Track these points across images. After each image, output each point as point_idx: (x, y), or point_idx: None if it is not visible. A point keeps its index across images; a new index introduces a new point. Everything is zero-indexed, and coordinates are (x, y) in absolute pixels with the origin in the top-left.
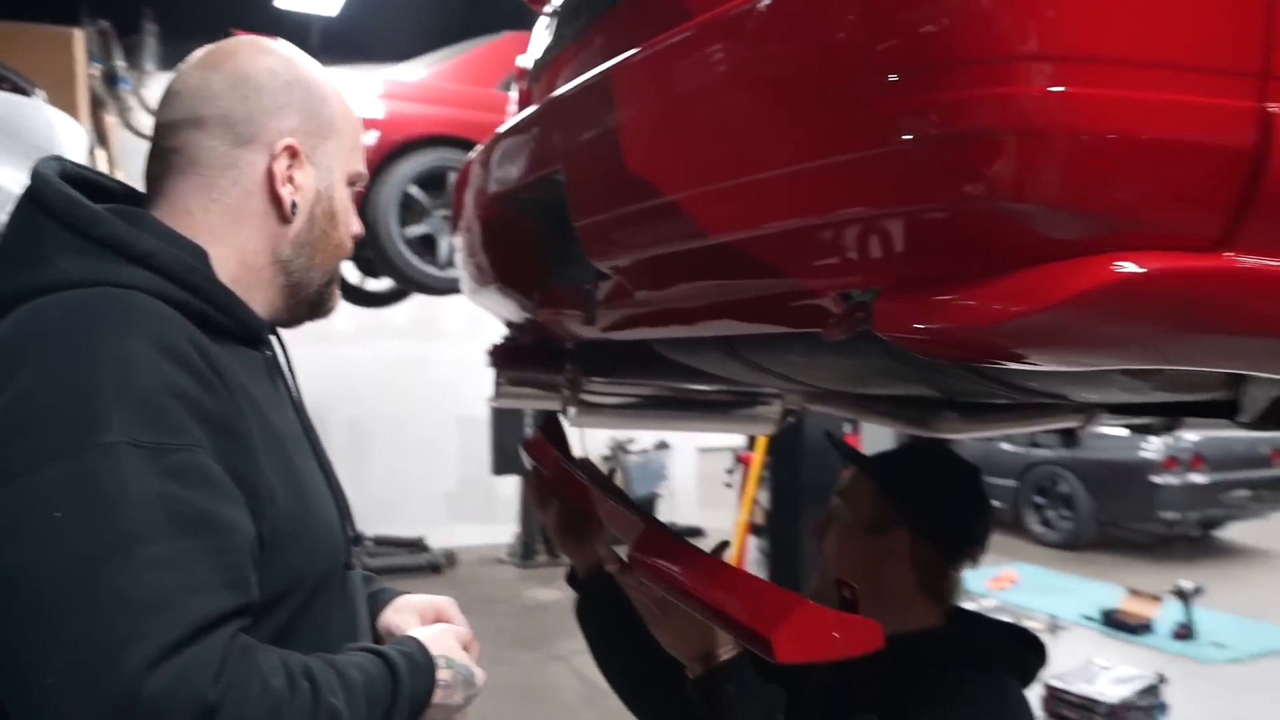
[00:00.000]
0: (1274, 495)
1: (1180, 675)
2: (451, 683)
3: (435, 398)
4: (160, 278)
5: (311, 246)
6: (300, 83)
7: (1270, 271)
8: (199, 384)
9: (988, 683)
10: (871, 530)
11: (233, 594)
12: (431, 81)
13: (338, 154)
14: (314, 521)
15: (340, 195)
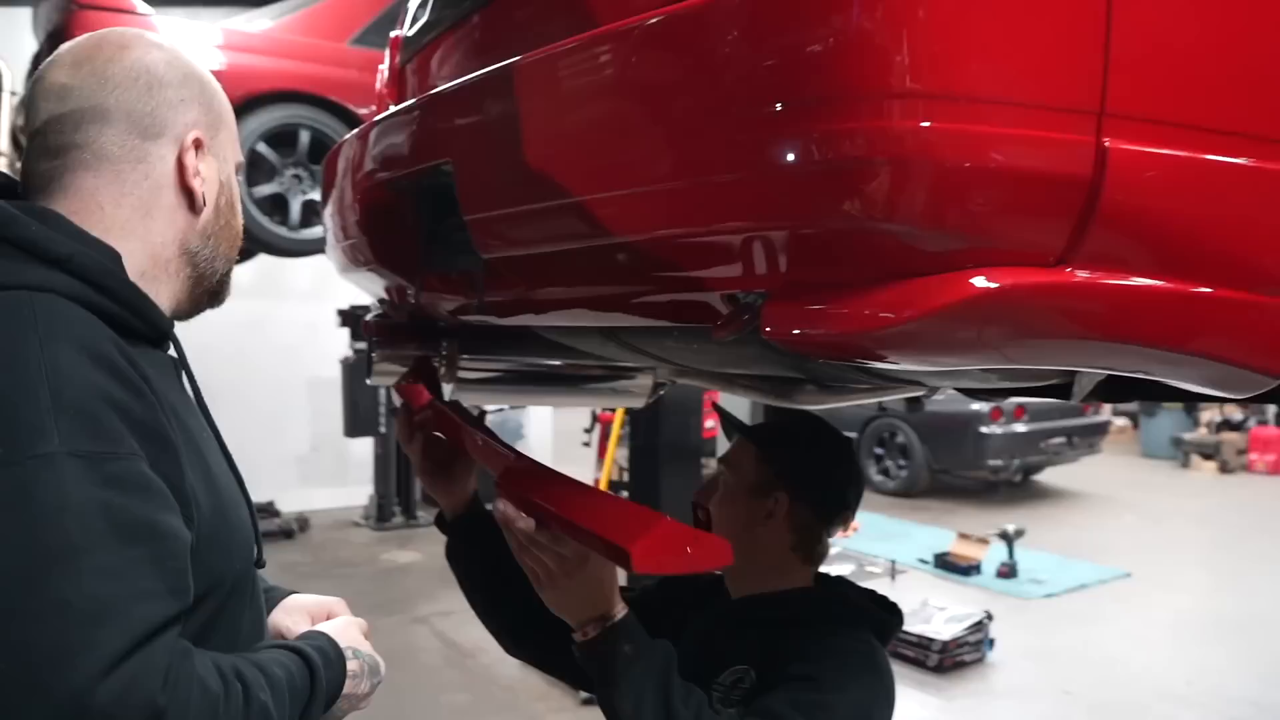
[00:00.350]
0: (1084, 442)
1: (1004, 611)
2: (359, 672)
3: (283, 359)
4: (77, 281)
5: (217, 236)
6: (195, 76)
7: (1102, 285)
8: (129, 391)
9: (853, 637)
10: (753, 494)
11: (175, 600)
12: (278, 34)
13: (230, 144)
14: (230, 523)
15: (233, 183)
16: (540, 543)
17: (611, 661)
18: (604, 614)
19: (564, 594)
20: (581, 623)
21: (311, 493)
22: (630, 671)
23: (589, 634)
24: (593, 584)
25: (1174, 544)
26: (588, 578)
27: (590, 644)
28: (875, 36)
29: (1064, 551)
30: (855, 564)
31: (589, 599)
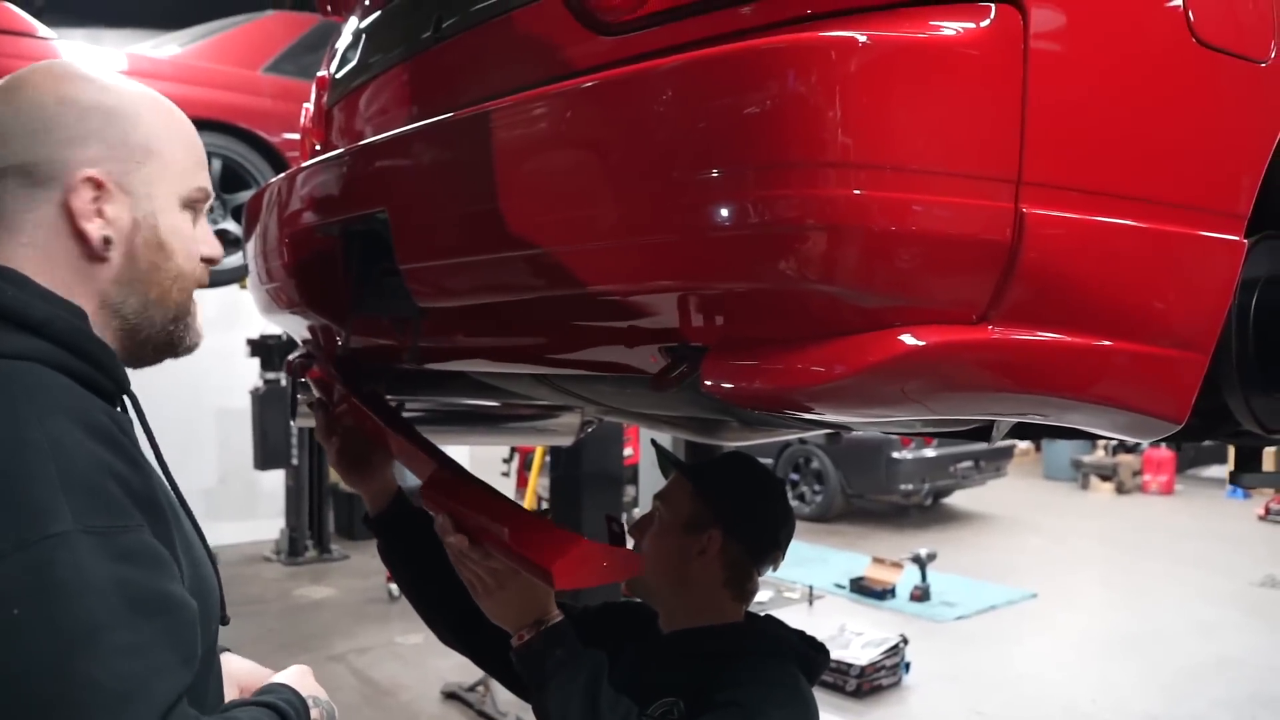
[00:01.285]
0: (991, 465)
1: (919, 634)
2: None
3: (190, 389)
4: (56, 347)
5: (141, 283)
6: (99, 108)
7: (1020, 340)
8: (126, 462)
9: (780, 670)
10: (687, 529)
11: (187, 669)
12: (188, 60)
13: (159, 177)
14: (206, 588)
15: (169, 222)
16: (473, 557)
17: (542, 664)
18: (539, 619)
19: (499, 604)
20: (518, 628)
21: (220, 526)
22: (560, 674)
23: (524, 638)
24: (526, 593)
25: (1076, 564)
26: (522, 588)
27: (525, 647)
28: (810, 109)
29: (974, 574)
30: (773, 590)
31: (523, 607)
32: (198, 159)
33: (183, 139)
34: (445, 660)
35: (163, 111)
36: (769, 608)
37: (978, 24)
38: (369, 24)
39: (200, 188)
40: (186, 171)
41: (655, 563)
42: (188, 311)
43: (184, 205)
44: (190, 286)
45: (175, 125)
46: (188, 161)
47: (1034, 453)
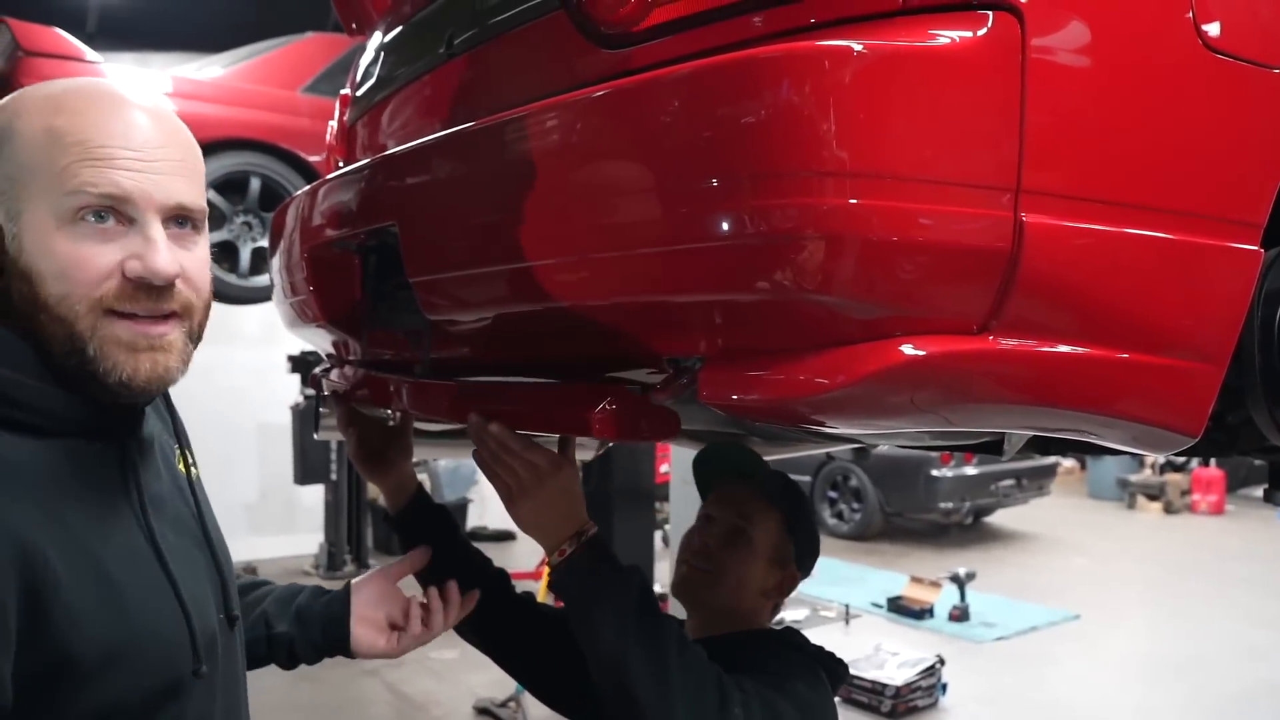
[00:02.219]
0: (1034, 484)
1: (956, 654)
2: None
3: (232, 405)
4: None
5: (25, 316)
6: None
7: (1023, 351)
8: None
9: (808, 667)
10: (772, 563)
11: None
12: (229, 81)
13: (30, 199)
14: (138, 636)
15: (37, 243)
16: (512, 449)
17: (591, 577)
18: (580, 529)
19: (539, 505)
20: (558, 540)
21: (260, 541)
22: (611, 586)
23: (566, 551)
24: (567, 494)
25: (1121, 585)
26: (561, 487)
27: (568, 561)
28: (804, 118)
29: (1014, 594)
30: (809, 609)
31: (564, 511)
32: (89, 155)
33: (57, 142)
34: (478, 676)
35: (44, 117)
36: (805, 626)
37: (974, 32)
38: (387, 42)
39: (76, 190)
40: (60, 175)
41: (735, 586)
42: (87, 342)
43: (65, 219)
44: (77, 315)
45: (50, 130)
46: (63, 161)
47: (1078, 471)
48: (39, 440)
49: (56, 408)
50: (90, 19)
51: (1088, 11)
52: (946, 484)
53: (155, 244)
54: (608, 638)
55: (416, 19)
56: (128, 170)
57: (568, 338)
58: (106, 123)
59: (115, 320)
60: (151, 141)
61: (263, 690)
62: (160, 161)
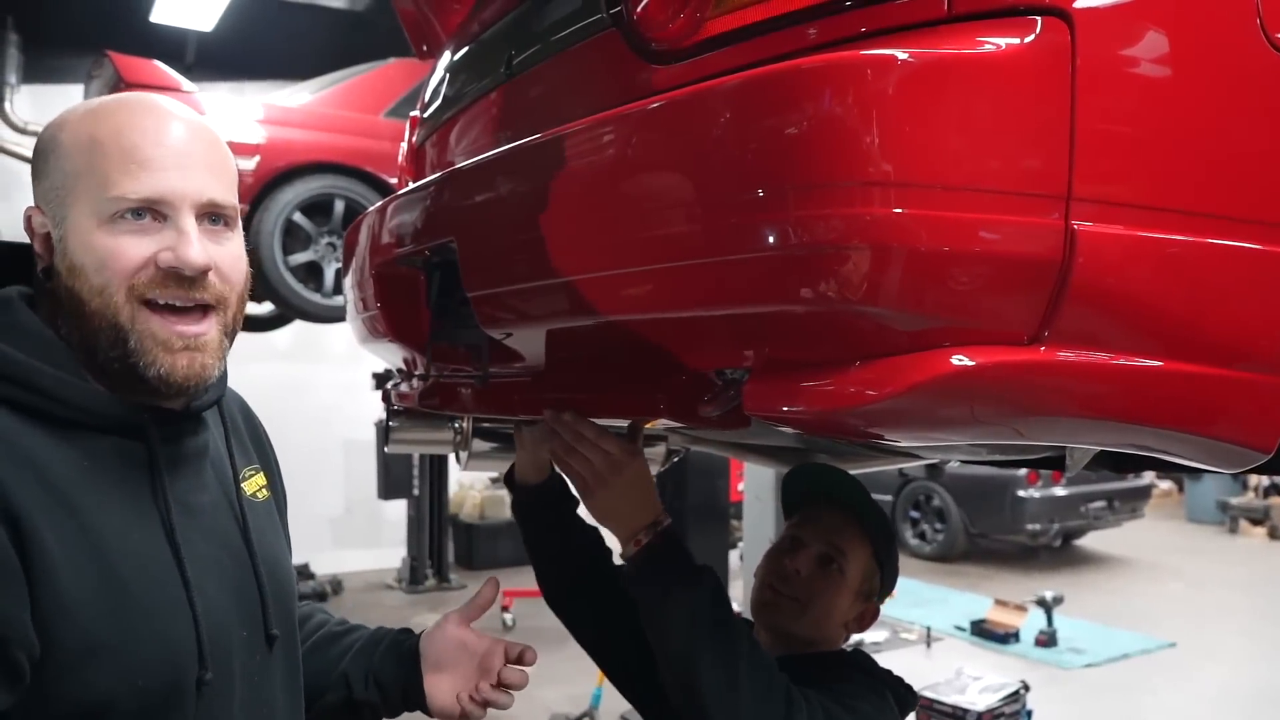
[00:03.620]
0: (1127, 506)
1: (1042, 681)
2: None
3: (319, 421)
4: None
5: (71, 309)
6: (40, 150)
7: (1075, 363)
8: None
9: (878, 692)
10: (858, 595)
11: None
12: (316, 107)
13: (75, 201)
14: (133, 634)
15: (80, 241)
16: (586, 437)
17: (668, 569)
18: (655, 519)
19: (615, 494)
20: (634, 530)
21: (345, 554)
22: (687, 580)
23: (642, 540)
24: (642, 483)
25: (1221, 613)
26: (636, 477)
27: (646, 551)
28: (847, 128)
29: (1106, 620)
30: (890, 630)
31: (639, 500)
32: (128, 162)
33: (99, 150)
34: (553, 690)
35: (88, 128)
36: (885, 649)
37: (1022, 39)
38: (452, 63)
39: (117, 196)
40: (102, 182)
41: (820, 616)
42: (129, 333)
43: (105, 220)
44: (117, 302)
45: (93, 139)
46: (105, 169)
47: (1176, 493)
48: (63, 431)
49: (73, 397)
50: (189, 51)
51: (1144, 16)
52: (1034, 505)
53: (187, 236)
54: (678, 634)
55: (480, 40)
56: (162, 170)
57: (617, 351)
58: (142, 128)
59: (151, 315)
60: (183, 141)
61: None
62: (192, 159)
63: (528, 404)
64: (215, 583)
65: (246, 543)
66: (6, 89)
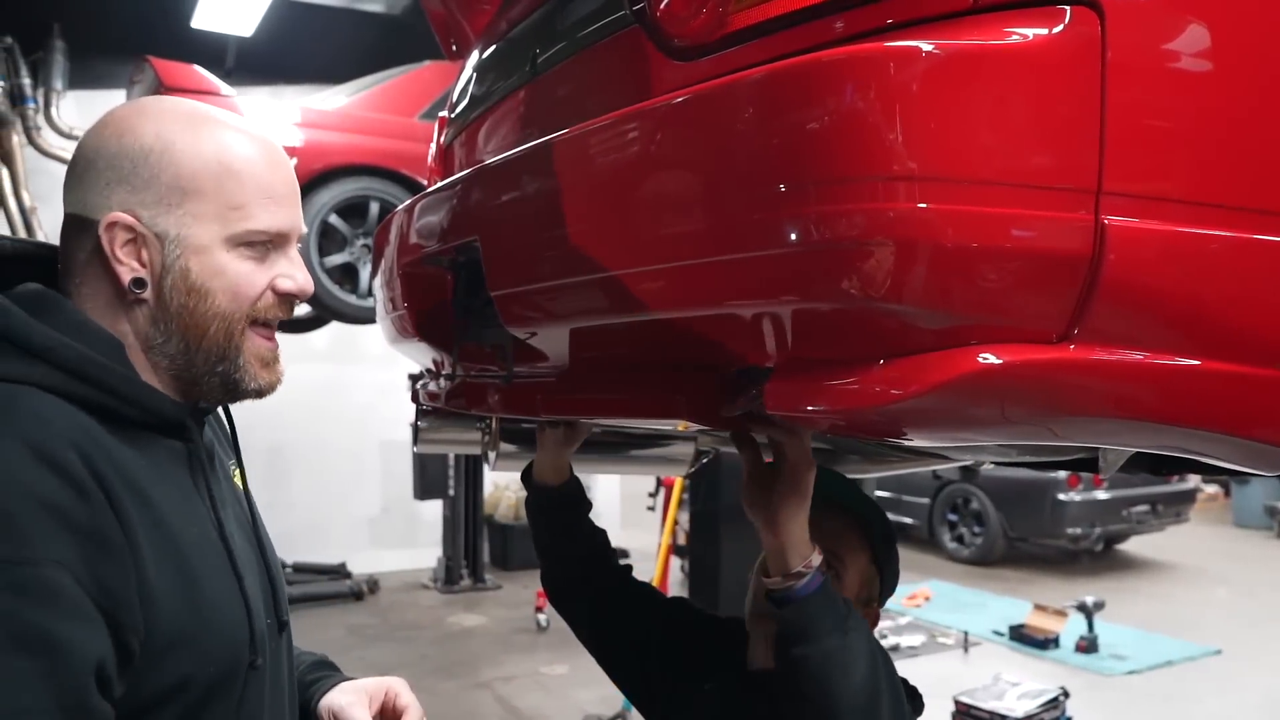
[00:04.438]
0: (1171, 510)
1: (1083, 688)
2: None
3: (356, 422)
4: (57, 371)
5: (175, 324)
6: (130, 153)
7: (1106, 362)
8: (71, 491)
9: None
10: (857, 601)
11: (65, 717)
12: (352, 110)
13: (197, 218)
14: (206, 624)
15: (208, 264)
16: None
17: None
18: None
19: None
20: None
21: (382, 554)
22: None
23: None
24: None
25: (1269, 619)
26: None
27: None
28: (870, 121)
29: (1149, 626)
30: (926, 635)
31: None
32: (264, 196)
33: (234, 178)
34: (588, 692)
35: (214, 149)
36: (921, 653)
37: (1050, 29)
38: (479, 63)
39: (254, 230)
40: (237, 210)
41: None
42: (239, 352)
43: (233, 244)
44: (238, 327)
45: (223, 164)
46: (240, 199)
47: (1222, 498)
48: (123, 430)
49: (142, 399)
50: (229, 56)
51: (1177, 4)
52: (1075, 508)
53: (297, 265)
54: (861, 671)
55: (506, 40)
56: (288, 207)
57: (636, 351)
58: (267, 159)
59: (254, 334)
60: (292, 180)
61: None
62: (297, 195)
63: (550, 404)
64: (250, 572)
65: (255, 532)
66: (53, 95)
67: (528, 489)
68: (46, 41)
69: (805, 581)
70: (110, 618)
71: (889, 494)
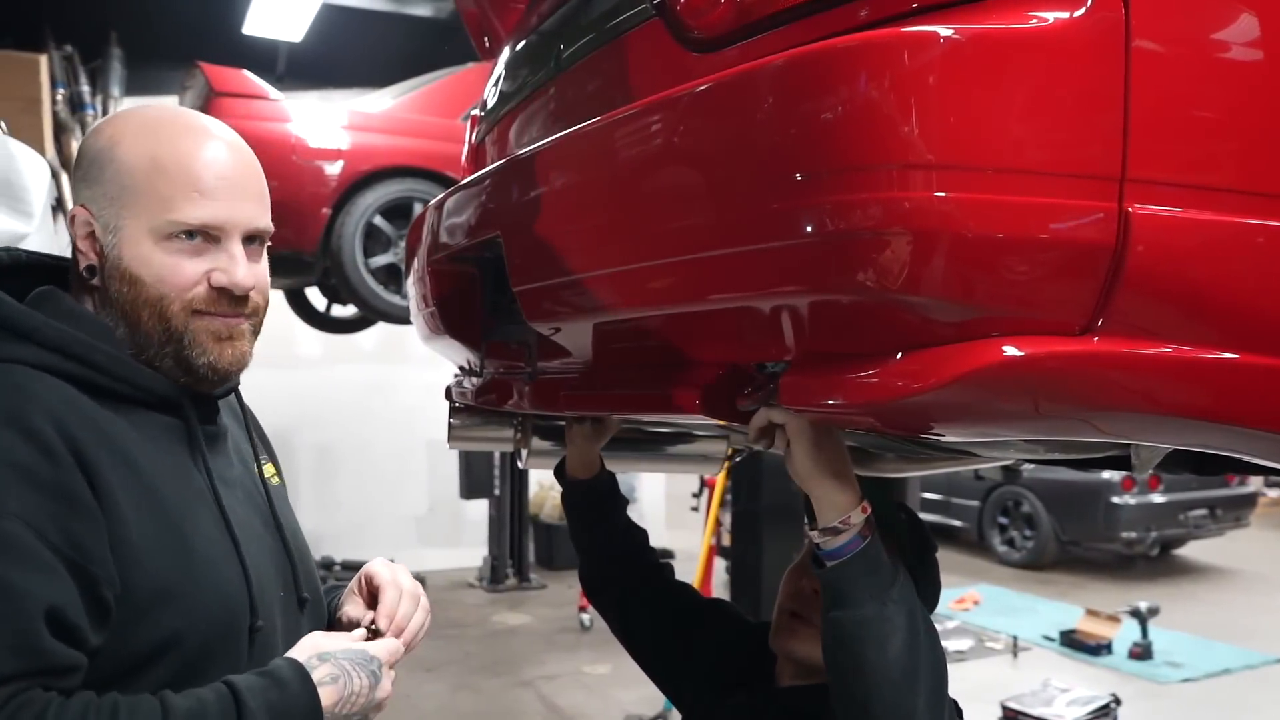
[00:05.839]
0: (1230, 514)
1: (1136, 695)
2: (339, 673)
3: (403, 422)
4: (45, 351)
5: (116, 309)
6: (95, 152)
7: (1132, 355)
8: (38, 454)
9: None
10: None
11: (16, 658)
12: (396, 113)
13: (130, 212)
14: (196, 582)
15: (136, 253)
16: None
17: (887, 569)
18: (862, 498)
19: (838, 446)
20: (858, 497)
21: (428, 553)
22: (906, 588)
23: (852, 522)
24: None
25: None
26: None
27: (865, 547)
28: (885, 107)
29: (1206, 633)
30: (974, 639)
31: (849, 466)
32: (190, 191)
33: (162, 174)
34: (629, 692)
35: (148, 148)
36: (969, 658)
37: (1072, 13)
38: (508, 60)
39: (175, 220)
40: (163, 203)
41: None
42: (183, 333)
43: (161, 236)
44: (173, 313)
45: (155, 161)
46: (167, 193)
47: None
48: (115, 405)
49: (128, 374)
50: (280, 61)
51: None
52: (1129, 512)
53: (237, 260)
54: (897, 646)
55: (534, 36)
56: (220, 200)
57: (655, 346)
58: (201, 155)
59: (202, 317)
60: (236, 172)
61: (424, 696)
62: (243, 190)
63: (571, 400)
64: (254, 545)
65: (272, 513)
66: (111, 101)
67: (560, 484)
68: (104, 49)
69: (844, 542)
70: (77, 569)
71: (937, 496)
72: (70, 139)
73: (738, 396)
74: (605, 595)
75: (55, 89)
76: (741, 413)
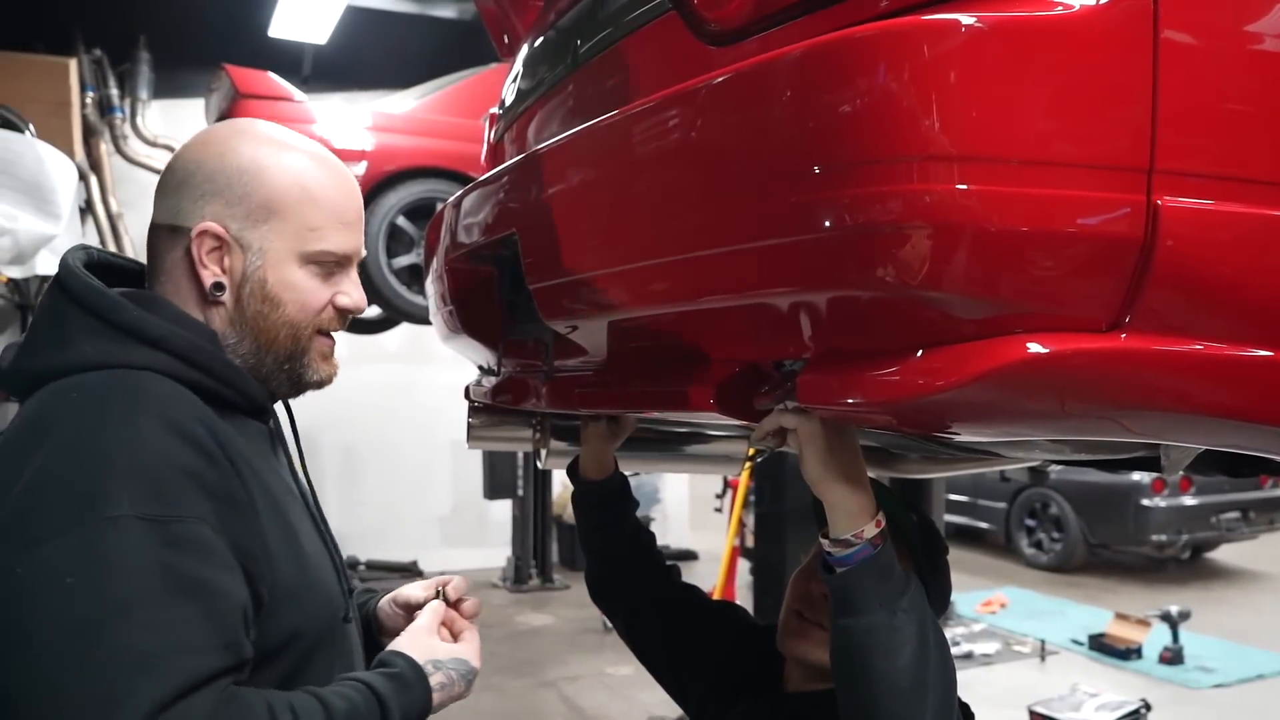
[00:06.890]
0: (1264, 517)
1: (1166, 700)
2: (448, 681)
3: (427, 422)
4: (173, 358)
5: (247, 328)
6: (225, 171)
7: (1162, 353)
8: (203, 459)
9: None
10: None
11: (224, 655)
12: (419, 113)
13: (277, 235)
14: (311, 581)
15: (281, 276)
16: None
17: (898, 578)
18: (876, 508)
19: (853, 450)
20: (873, 507)
21: (453, 553)
22: (918, 597)
23: (863, 534)
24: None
25: None
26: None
27: (876, 556)
28: (904, 98)
29: (1238, 638)
30: (1001, 642)
31: (864, 473)
32: (337, 222)
33: (313, 202)
34: (652, 694)
35: (298, 175)
36: (995, 662)
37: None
38: (526, 57)
39: (326, 250)
40: (313, 232)
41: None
42: (305, 353)
43: (305, 261)
44: (304, 334)
45: (305, 189)
46: (317, 222)
47: None
48: (221, 411)
49: (241, 383)
50: (305, 63)
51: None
52: (1160, 514)
53: (356, 283)
54: (906, 657)
55: (551, 32)
56: (356, 232)
57: (671, 344)
58: (343, 187)
59: (318, 337)
60: (360, 207)
61: None
62: (362, 223)
63: (586, 398)
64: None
65: (317, 508)
66: (139, 105)
67: (573, 483)
68: (133, 53)
69: (853, 551)
70: (245, 569)
71: (964, 498)
72: (99, 141)
73: (755, 395)
74: (612, 597)
75: (85, 92)
76: (758, 412)
